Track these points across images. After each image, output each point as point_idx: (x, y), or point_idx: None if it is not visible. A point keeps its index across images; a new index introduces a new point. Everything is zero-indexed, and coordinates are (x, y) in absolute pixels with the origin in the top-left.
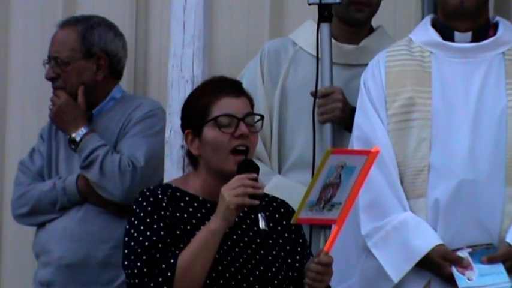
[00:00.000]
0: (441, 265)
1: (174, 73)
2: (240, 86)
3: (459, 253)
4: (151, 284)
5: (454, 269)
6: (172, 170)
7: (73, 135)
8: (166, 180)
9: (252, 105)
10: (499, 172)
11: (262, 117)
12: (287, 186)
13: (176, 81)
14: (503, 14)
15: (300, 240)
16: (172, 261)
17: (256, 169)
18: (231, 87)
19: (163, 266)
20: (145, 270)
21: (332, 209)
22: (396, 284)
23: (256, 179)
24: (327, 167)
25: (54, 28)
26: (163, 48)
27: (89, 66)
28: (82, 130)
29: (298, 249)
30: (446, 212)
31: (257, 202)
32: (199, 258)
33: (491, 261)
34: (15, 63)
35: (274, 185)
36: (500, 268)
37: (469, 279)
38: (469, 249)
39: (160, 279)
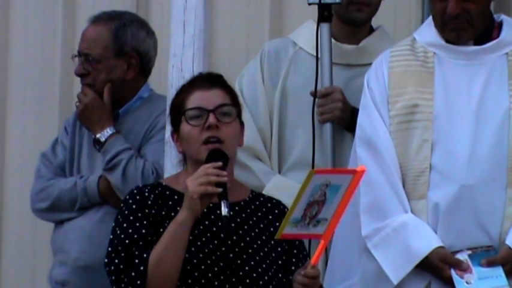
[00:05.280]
0: (440, 268)
1: (174, 73)
2: (215, 78)
3: (459, 255)
4: (125, 280)
5: (453, 272)
6: (172, 170)
7: (98, 135)
8: None
9: (232, 96)
10: (500, 174)
11: (237, 107)
12: (287, 185)
13: (176, 81)
14: (503, 13)
15: (296, 243)
16: (145, 256)
17: (225, 158)
18: (204, 80)
19: (137, 261)
20: (121, 267)
21: (318, 224)
22: (396, 285)
23: (222, 168)
24: (310, 186)
25: (53, 28)
26: (164, 48)
27: (120, 65)
28: (107, 131)
29: (294, 251)
30: (447, 215)
31: (220, 190)
32: (169, 252)
33: (490, 264)
34: (15, 63)
35: (274, 184)
36: (499, 271)
37: (467, 283)
38: (469, 252)
39: (133, 274)
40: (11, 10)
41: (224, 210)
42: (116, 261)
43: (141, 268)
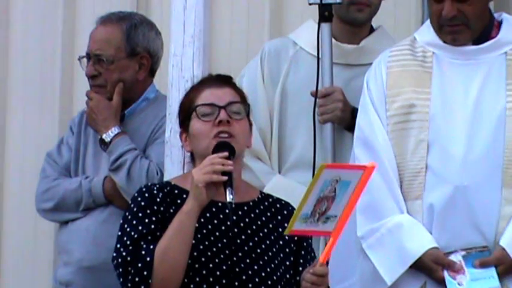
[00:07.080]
0: (433, 269)
1: (174, 73)
2: (226, 78)
3: (453, 256)
4: (132, 271)
5: (445, 273)
6: (173, 170)
7: (103, 135)
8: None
9: (241, 96)
10: (495, 175)
11: (247, 105)
12: (287, 185)
13: (176, 81)
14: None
15: (304, 244)
16: (151, 247)
17: (231, 150)
18: (215, 79)
19: (143, 252)
20: (128, 259)
21: (327, 221)
22: (391, 286)
23: (228, 158)
24: (320, 181)
25: (54, 28)
26: (163, 48)
27: (132, 66)
28: (112, 131)
29: (302, 252)
30: (442, 216)
31: (224, 178)
32: (175, 241)
33: (483, 265)
34: (15, 63)
35: (274, 184)
36: (492, 272)
37: (459, 284)
38: (463, 252)
39: (139, 265)
40: (12, 10)
41: (229, 197)
42: (124, 254)
43: (148, 259)
